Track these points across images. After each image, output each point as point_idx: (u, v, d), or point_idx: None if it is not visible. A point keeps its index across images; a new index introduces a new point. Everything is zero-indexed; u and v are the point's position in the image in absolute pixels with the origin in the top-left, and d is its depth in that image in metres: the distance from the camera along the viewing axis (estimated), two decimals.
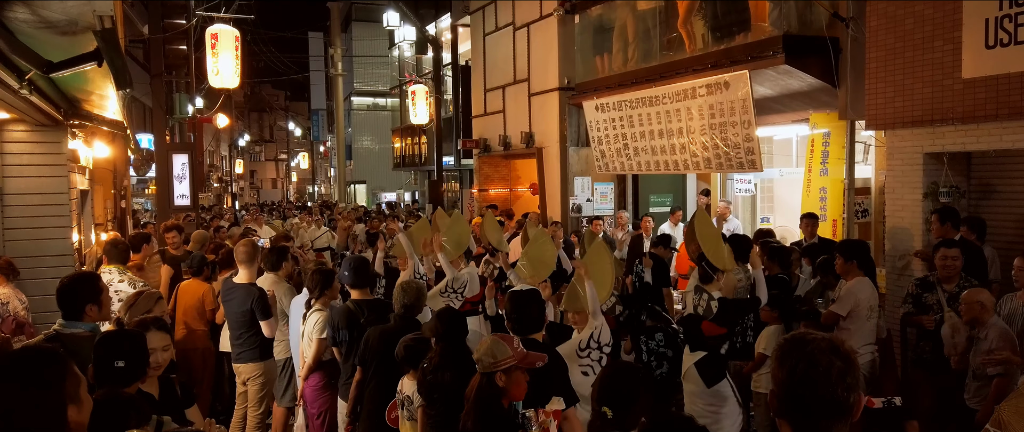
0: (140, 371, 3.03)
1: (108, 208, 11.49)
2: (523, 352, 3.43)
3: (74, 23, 3.45)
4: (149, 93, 13.72)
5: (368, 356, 4.55)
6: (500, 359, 3.33)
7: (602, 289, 4.80)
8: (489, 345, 3.39)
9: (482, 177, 15.96)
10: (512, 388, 3.37)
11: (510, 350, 3.38)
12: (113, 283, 5.55)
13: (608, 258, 5.23)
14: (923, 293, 5.45)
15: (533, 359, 3.46)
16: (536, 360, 3.47)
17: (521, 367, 3.39)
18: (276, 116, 60.71)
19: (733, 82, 8.54)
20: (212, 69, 11.96)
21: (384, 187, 36.03)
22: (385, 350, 4.44)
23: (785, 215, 11.16)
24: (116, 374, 2.92)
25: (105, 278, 5.63)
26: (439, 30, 21.35)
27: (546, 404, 3.52)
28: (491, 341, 3.42)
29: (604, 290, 4.91)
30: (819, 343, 1.76)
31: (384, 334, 4.53)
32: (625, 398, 2.91)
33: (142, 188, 24.51)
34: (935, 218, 6.24)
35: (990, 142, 6.22)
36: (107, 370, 2.92)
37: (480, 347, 3.43)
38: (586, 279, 4.54)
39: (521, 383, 3.40)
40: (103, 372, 2.93)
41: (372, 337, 4.56)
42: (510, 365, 3.35)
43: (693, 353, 4.87)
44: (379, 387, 4.47)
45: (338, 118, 34.17)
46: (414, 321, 4.65)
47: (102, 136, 8.60)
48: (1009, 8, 5.85)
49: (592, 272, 4.66)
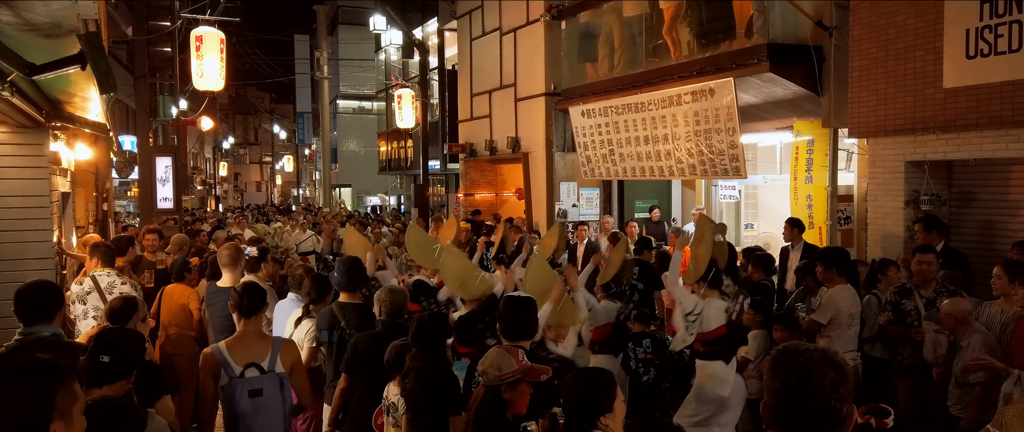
0: (126, 369, 3.01)
1: (90, 211, 11.38)
2: (528, 365, 3.35)
3: (58, 26, 3.42)
4: (133, 95, 13.62)
5: (357, 362, 4.48)
6: (506, 372, 3.25)
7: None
8: (495, 357, 3.30)
9: (468, 181, 15.95)
10: (517, 401, 3.29)
11: (516, 362, 3.29)
12: (115, 286, 5.53)
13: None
14: (901, 300, 5.50)
15: (539, 372, 3.36)
16: (541, 373, 3.37)
17: (527, 380, 3.31)
18: (261, 118, 60.37)
19: (718, 89, 8.60)
20: (197, 71, 11.89)
21: (370, 191, 35.92)
22: (374, 356, 4.37)
23: (769, 221, 11.25)
24: (101, 370, 2.92)
25: (104, 282, 5.59)
26: (426, 34, 21.34)
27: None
28: (497, 353, 3.34)
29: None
30: (812, 353, 1.76)
31: (373, 340, 4.49)
32: (589, 400, 2.84)
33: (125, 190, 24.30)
34: (919, 227, 6.30)
35: (970, 151, 6.30)
36: (93, 366, 2.93)
37: (485, 359, 3.34)
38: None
39: (525, 396, 3.32)
40: (90, 367, 2.93)
41: (361, 343, 4.52)
42: (516, 378, 3.26)
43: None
44: (366, 394, 4.42)
45: (324, 121, 34.03)
46: (401, 326, 4.60)
47: (84, 138, 8.52)
48: (989, 19, 5.93)
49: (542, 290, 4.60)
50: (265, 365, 3.68)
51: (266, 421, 3.62)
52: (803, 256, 7.27)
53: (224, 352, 3.68)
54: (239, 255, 5.72)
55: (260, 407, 3.59)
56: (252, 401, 3.57)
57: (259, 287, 4.09)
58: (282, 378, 3.70)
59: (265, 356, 3.70)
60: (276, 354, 3.71)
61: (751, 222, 11.76)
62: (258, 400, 3.59)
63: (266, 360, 3.69)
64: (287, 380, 3.73)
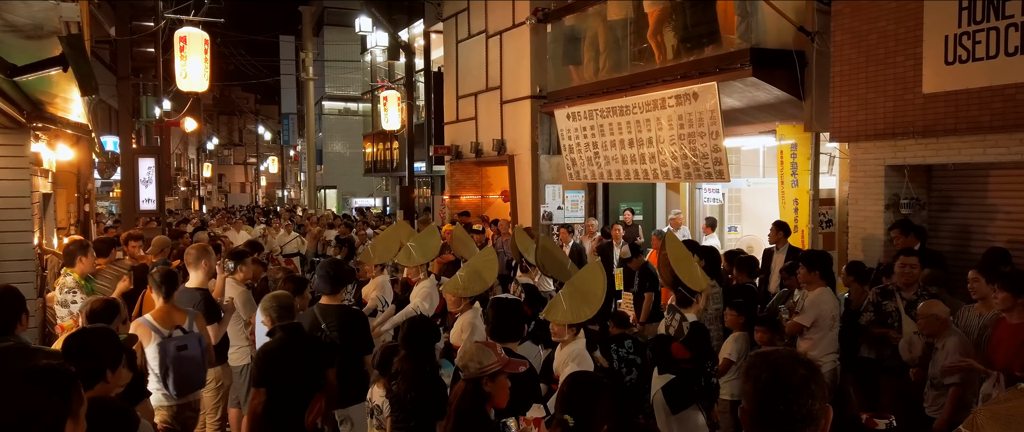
0: (101, 372, 3.00)
1: (71, 212, 11.29)
2: (507, 357, 3.44)
3: (39, 27, 3.40)
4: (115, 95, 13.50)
5: (267, 374, 4.28)
6: (486, 364, 3.32)
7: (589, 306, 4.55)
8: (474, 351, 3.38)
9: (454, 183, 15.95)
10: (497, 394, 3.36)
11: (495, 355, 3.37)
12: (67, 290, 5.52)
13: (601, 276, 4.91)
14: (883, 301, 5.57)
15: (516, 364, 3.48)
16: (519, 365, 3.49)
17: (505, 372, 3.39)
18: (246, 119, 60.04)
19: (702, 93, 8.66)
20: (180, 72, 11.83)
21: (355, 192, 35.79)
22: (282, 366, 4.26)
23: (752, 224, 11.34)
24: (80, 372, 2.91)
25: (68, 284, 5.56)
26: (412, 36, 21.32)
27: (526, 412, 3.55)
28: (475, 348, 3.41)
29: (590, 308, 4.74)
30: (782, 353, 1.83)
31: (278, 349, 4.33)
32: (587, 406, 2.92)
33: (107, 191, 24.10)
34: (896, 232, 6.39)
35: (949, 155, 6.39)
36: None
37: (465, 355, 3.41)
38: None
39: (505, 389, 3.40)
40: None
41: (268, 354, 4.32)
42: (495, 370, 3.34)
43: (661, 376, 4.88)
44: (279, 404, 4.24)
45: (309, 122, 33.91)
46: (297, 326, 4.49)
47: (66, 139, 8.45)
48: (968, 26, 6.02)
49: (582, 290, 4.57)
50: (185, 327, 4.72)
51: (190, 366, 4.68)
52: (787, 258, 7.35)
53: (152, 321, 4.67)
54: (203, 254, 5.63)
55: (185, 358, 4.65)
56: (179, 353, 4.62)
57: (173, 273, 4.93)
58: (200, 337, 4.80)
59: (185, 321, 4.74)
60: (193, 320, 4.80)
61: (734, 225, 11.85)
62: (184, 353, 4.64)
63: (186, 323, 4.74)
64: (204, 338, 4.85)
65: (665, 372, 4.87)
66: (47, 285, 7.00)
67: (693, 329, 4.90)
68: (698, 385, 4.90)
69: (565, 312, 4.40)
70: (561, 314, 4.41)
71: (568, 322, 4.38)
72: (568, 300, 4.44)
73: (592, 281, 4.65)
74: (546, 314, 4.53)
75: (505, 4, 13.44)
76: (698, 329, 4.95)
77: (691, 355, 4.82)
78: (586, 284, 4.62)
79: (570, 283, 4.70)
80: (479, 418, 3.32)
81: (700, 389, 4.93)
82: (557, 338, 4.46)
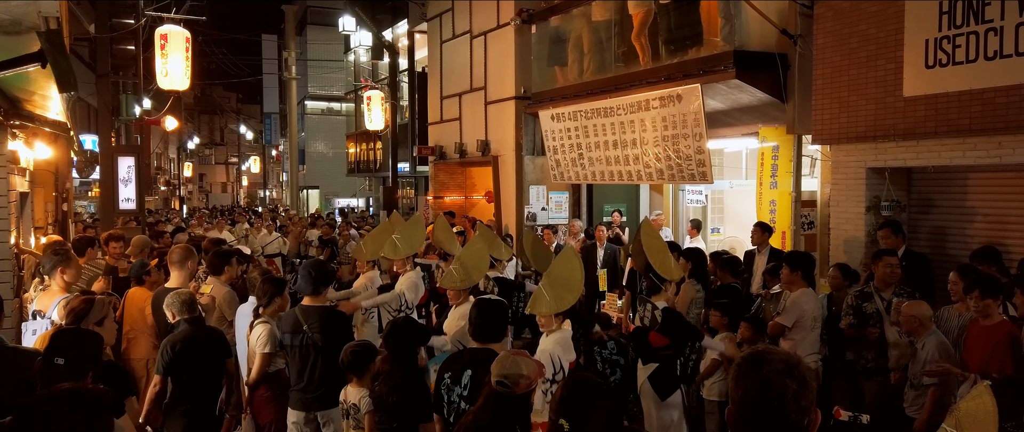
0: (82, 371, 2.99)
1: (49, 211, 11.14)
2: (541, 368, 3.29)
3: (18, 23, 3.35)
4: (95, 93, 13.33)
5: (175, 364, 4.70)
6: (532, 376, 3.13)
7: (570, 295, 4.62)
8: (516, 362, 3.13)
9: (437, 184, 15.91)
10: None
11: (535, 364, 3.19)
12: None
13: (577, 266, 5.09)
14: (862, 303, 5.61)
15: (543, 369, 3.38)
16: (543, 369, 3.42)
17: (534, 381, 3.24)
18: (227, 119, 59.57)
19: (685, 95, 8.70)
20: (161, 70, 11.65)
21: (338, 192, 35.65)
22: (191, 357, 4.70)
23: (735, 226, 11.40)
24: (56, 371, 2.92)
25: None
26: (396, 36, 21.27)
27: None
28: (514, 359, 3.16)
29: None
30: (775, 365, 1.78)
31: (185, 341, 4.73)
32: (584, 411, 2.84)
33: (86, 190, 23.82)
34: (886, 232, 6.42)
35: (929, 158, 6.46)
36: (48, 366, 2.95)
37: (502, 367, 3.14)
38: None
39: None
40: (45, 369, 2.96)
41: (174, 345, 4.71)
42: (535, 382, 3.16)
43: (646, 366, 4.90)
44: (185, 395, 4.72)
45: (291, 122, 33.72)
46: (199, 319, 4.90)
47: (44, 137, 8.34)
48: (948, 30, 6.09)
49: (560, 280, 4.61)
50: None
51: None
52: (769, 259, 7.40)
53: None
54: (188, 256, 5.61)
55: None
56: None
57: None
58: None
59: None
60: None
61: (717, 226, 11.91)
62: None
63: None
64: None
65: (648, 362, 4.90)
66: (24, 285, 6.89)
67: (666, 315, 4.93)
68: (682, 369, 4.96)
69: (548, 303, 4.43)
70: (545, 305, 4.44)
71: (553, 312, 4.42)
72: (549, 290, 4.48)
73: (568, 268, 4.71)
74: (531, 308, 4.55)
75: (490, 5, 13.43)
76: (670, 314, 4.99)
77: (669, 341, 4.86)
78: (563, 272, 4.67)
79: (548, 274, 4.74)
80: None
81: (683, 373, 4.99)
82: (545, 329, 4.49)
